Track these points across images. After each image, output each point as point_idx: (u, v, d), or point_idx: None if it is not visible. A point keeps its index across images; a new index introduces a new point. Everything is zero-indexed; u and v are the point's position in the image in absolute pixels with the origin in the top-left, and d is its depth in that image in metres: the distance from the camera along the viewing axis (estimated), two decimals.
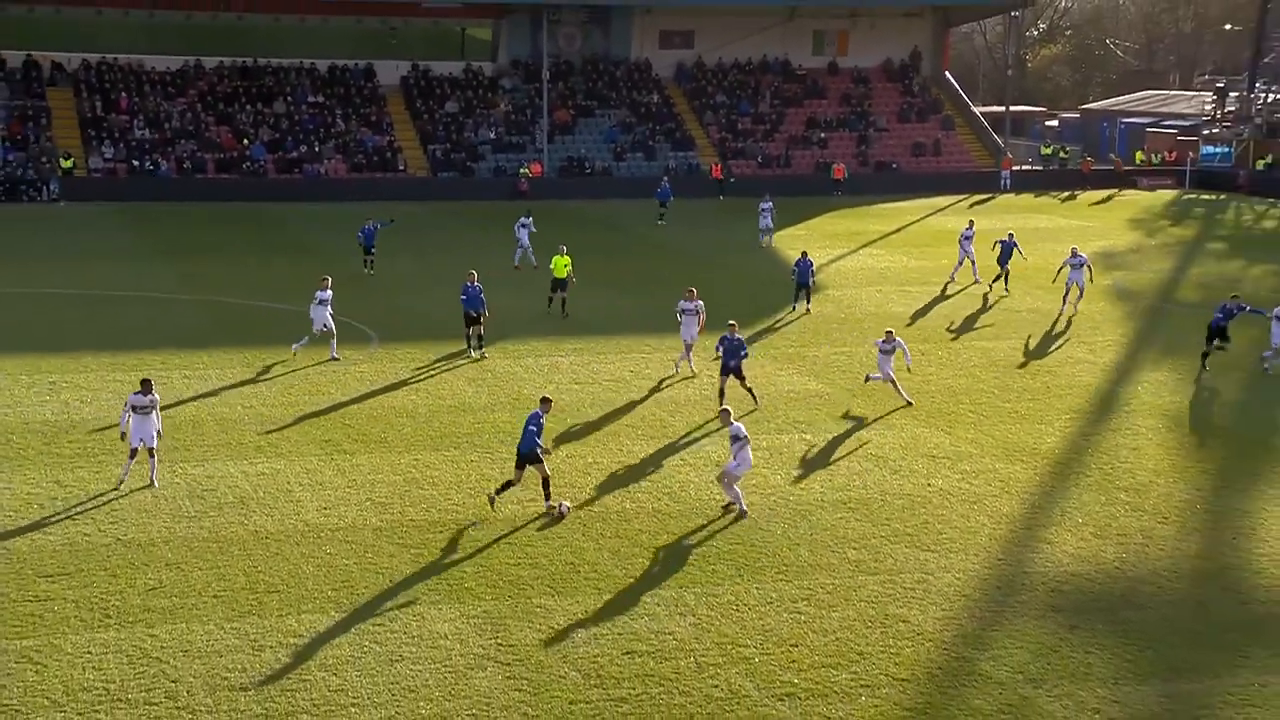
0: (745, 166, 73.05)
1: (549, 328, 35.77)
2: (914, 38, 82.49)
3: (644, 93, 77.12)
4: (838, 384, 30.40)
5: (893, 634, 17.45)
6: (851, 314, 38.97)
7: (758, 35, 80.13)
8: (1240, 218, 64.87)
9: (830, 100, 79.08)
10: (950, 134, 78.26)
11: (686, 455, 24.98)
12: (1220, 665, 16.59)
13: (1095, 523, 21.54)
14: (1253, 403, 29.22)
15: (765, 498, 22.63)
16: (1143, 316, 39.33)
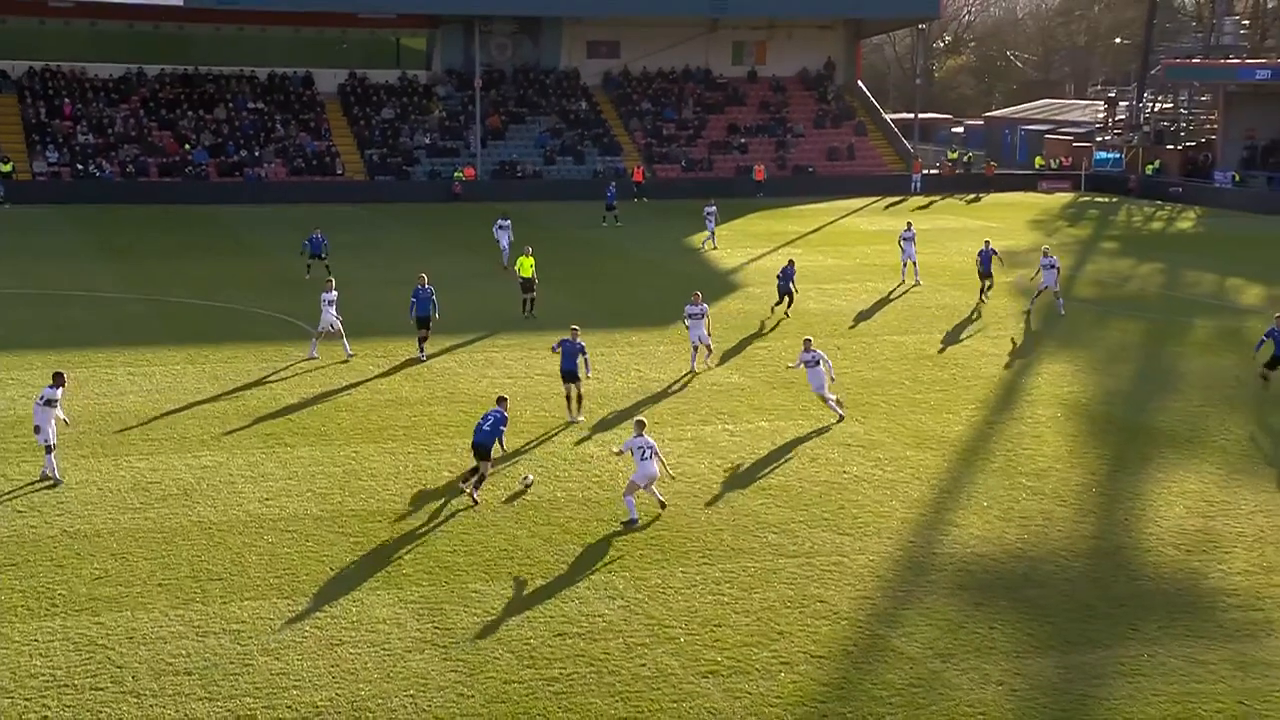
0: (670, 170, 73.16)
1: (484, 324, 35.57)
2: (828, 48, 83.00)
3: (573, 100, 77.03)
4: (758, 377, 30.51)
5: (811, 613, 17.53)
6: (769, 310, 39.06)
7: (680, 45, 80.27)
8: (1131, 219, 65.89)
9: (750, 107, 79.40)
10: (863, 139, 78.83)
11: (616, 445, 24.92)
12: (1113, 637, 16.82)
13: (999, 506, 21.76)
14: (1143, 391, 29.67)
15: (690, 485, 22.65)
16: (1041, 311, 39.76)
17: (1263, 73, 70.53)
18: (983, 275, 39.86)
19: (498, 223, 45.46)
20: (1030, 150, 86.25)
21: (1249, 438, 25.79)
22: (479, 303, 37.74)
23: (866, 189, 72.46)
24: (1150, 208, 69.36)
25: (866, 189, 72.46)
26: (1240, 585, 18.42)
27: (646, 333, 35.39)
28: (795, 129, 77.95)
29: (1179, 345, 34.34)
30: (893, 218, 63.98)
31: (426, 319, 31.38)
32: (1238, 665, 16.01)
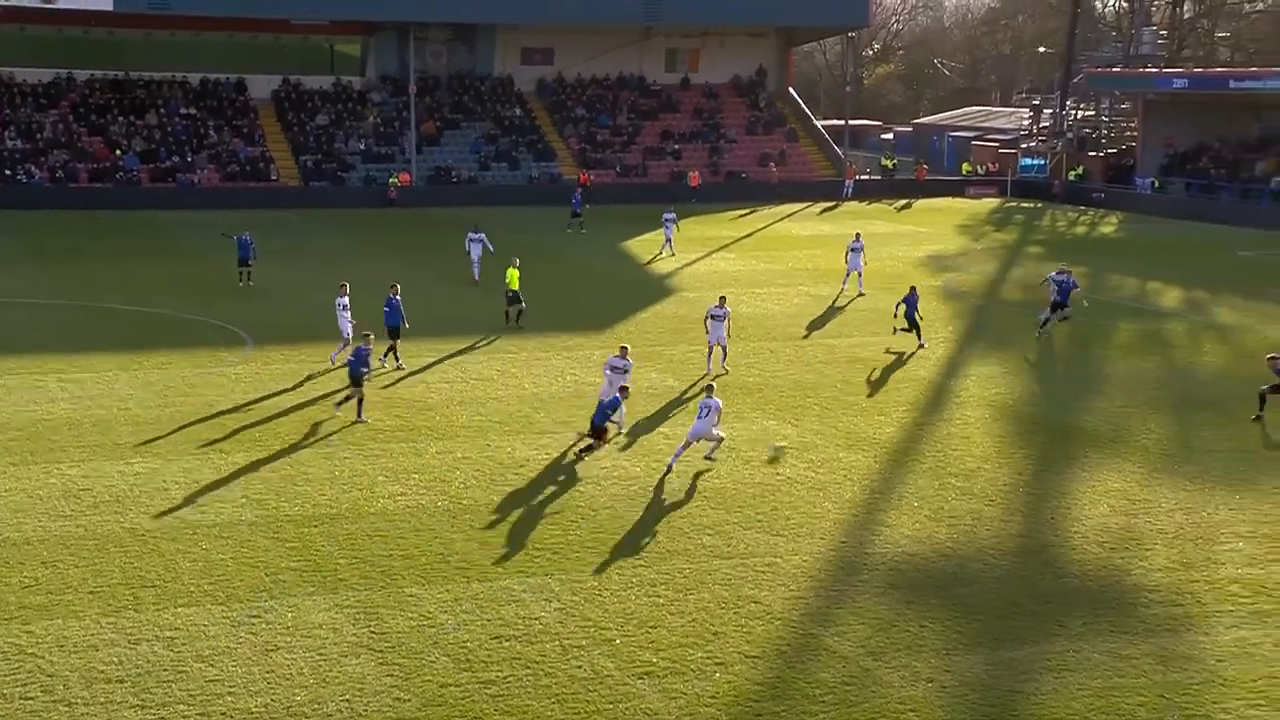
0: (605, 175, 73.18)
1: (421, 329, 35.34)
2: (760, 56, 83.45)
3: (507, 106, 76.87)
4: (692, 380, 30.56)
5: (745, 614, 17.59)
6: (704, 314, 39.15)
7: (614, 53, 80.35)
8: (1055, 224, 66.78)
9: (683, 114, 79.63)
10: (794, 146, 79.29)
11: (552, 450, 24.90)
12: (1040, 634, 17.03)
13: (929, 506, 21.96)
14: (1068, 393, 30.07)
15: (625, 488, 22.66)
16: (971, 314, 40.24)
17: (1180, 82, 71.79)
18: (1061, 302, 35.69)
19: (469, 235, 44.59)
20: (958, 156, 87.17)
21: (1170, 437, 26.19)
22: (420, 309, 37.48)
23: (797, 194, 72.87)
24: (1074, 213, 70.33)
25: (797, 194, 72.87)
26: (1161, 581, 18.72)
27: (584, 337, 35.36)
28: (728, 135, 78.29)
29: (1103, 348, 34.84)
30: (825, 223, 64.47)
31: (396, 329, 31.17)
32: (1159, 659, 16.26)
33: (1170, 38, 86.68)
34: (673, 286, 44.78)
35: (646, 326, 37.13)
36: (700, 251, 52.93)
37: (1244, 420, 27.25)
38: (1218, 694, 15.35)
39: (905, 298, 34.44)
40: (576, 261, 49.38)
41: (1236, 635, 16.89)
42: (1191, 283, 45.70)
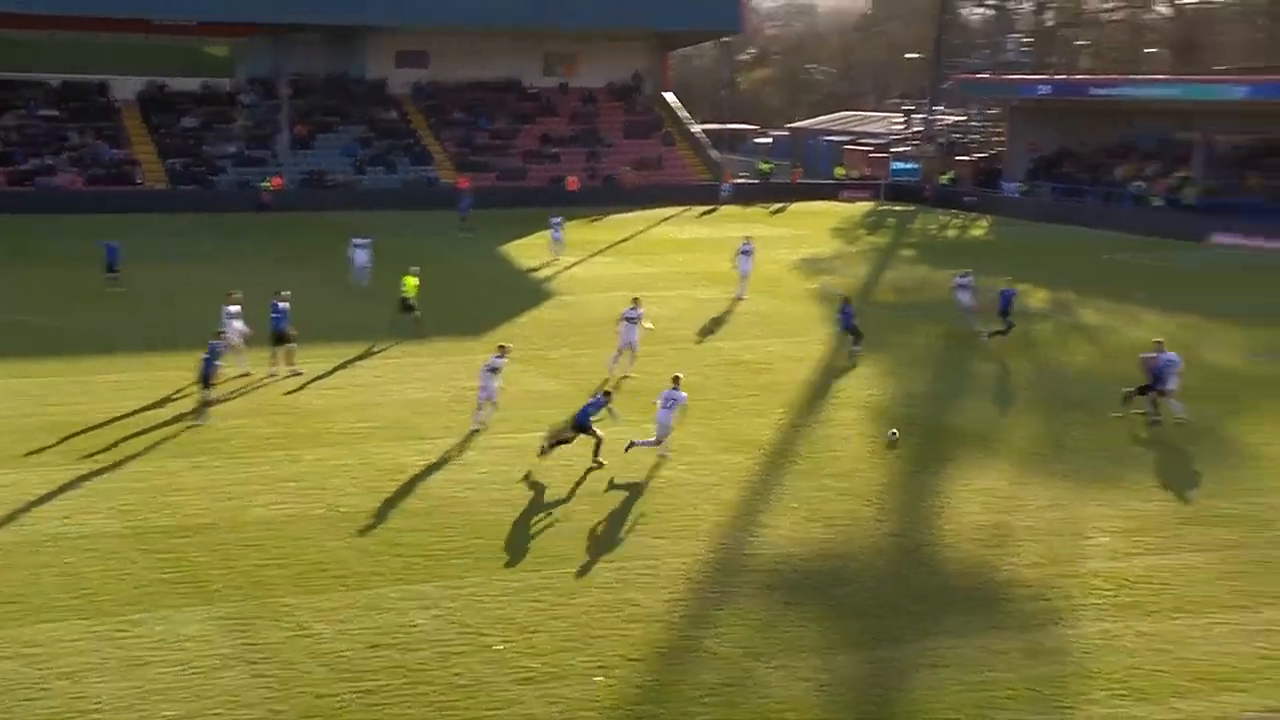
0: (484, 179, 72.77)
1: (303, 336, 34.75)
2: (637, 60, 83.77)
3: (383, 110, 76.11)
4: (575, 384, 30.55)
5: (626, 617, 17.61)
6: (586, 318, 39.24)
7: (491, 57, 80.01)
8: (926, 227, 68.06)
9: (561, 118, 79.59)
10: (672, 149, 79.72)
11: (432, 455, 24.68)
12: (916, 632, 17.32)
13: (808, 507, 22.21)
14: (939, 394, 30.64)
15: (506, 492, 22.55)
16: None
17: (1044, 88, 73.72)
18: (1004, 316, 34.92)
19: (353, 242, 43.80)
20: (832, 160, 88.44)
21: (1040, 436, 26.83)
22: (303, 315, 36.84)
23: (675, 198, 73.24)
24: (945, 216, 71.73)
25: (675, 198, 73.24)
26: (1031, 577, 19.16)
27: (465, 342, 35.12)
28: (606, 139, 78.43)
29: (975, 349, 35.56)
30: (704, 226, 64.92)
31: (283, 334, 30.64)
32: (1029, 653, 16.64)
33: (1035, 45, 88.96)
34: (553, 290, 44.71)
35: (527, 331, 37.02)
36: (579, 255, 52.89)
37: (1112, 419, 28.02)
38: (1084, 685, 15.76)
39: (841, 308, 34.59)
40: (457, 265, 49.02)
41: (1101, 627, 17.35)
42: (1059, 285, 46.90)
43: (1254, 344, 36.02)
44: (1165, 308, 40.93)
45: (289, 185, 68.61)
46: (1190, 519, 21.54)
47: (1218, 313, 40.40)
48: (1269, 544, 20.33)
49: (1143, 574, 19.17)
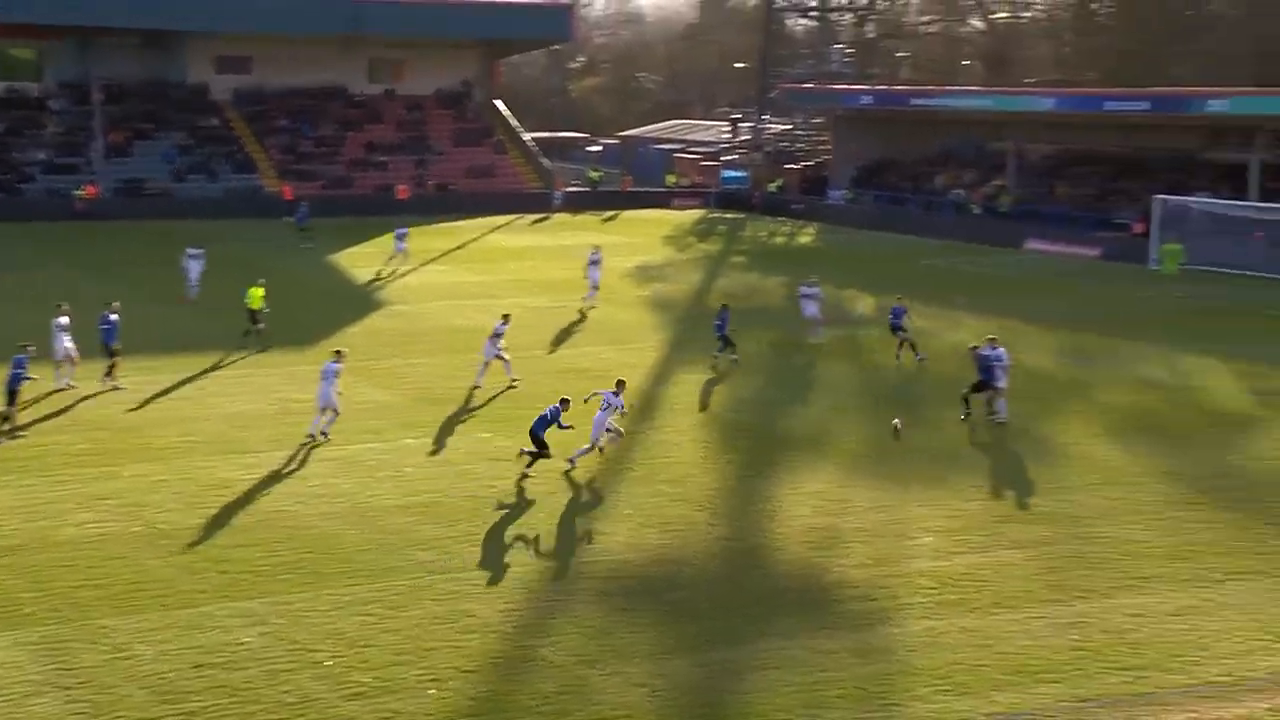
0: (310, 188, 71.42)
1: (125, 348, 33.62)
2: (465, 68, 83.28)
3: (203, 116, 74.18)
4: (406, 394, 30.20)
5: (460, 628, 17.46)
6: (418, 327, 38.85)
7: (316, 63, 78.61)
8: (756, 234, 69.12)
9: (389, 125, 78.66)
10: (503, 158, 79.46)
11: (259, 469, 24.12)
12: (749, 634, 17.54)
13: (642, 513, 22.32)
14: (772, 399, 31.12)
15: (334, 505, 22.16)
16: (678, 324, 41.18)
17: (866, 99, 75.60)
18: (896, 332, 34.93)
19: (187, 252, 42.34)
20: (663, 168, 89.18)
21: (867, 439, 27.45)
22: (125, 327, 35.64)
23: (507, 206, 73.00)
24: (774, 224, 72.96)
25: (507, 206, 73.00)
26: (859, 578, 19.58)
27: (288, 353, 34.43)
28: (435, 147, 77.79)
29: (803, 354, 36.23)
30: (536, 234, 64.86)
31: (112, 347, 29.65)
32: (858, 653, 17.00)
33: (857, 56, 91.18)
34: (384, 300, 44.16)
35: (357, 341, 36.43)
36: (412, 264, 52.34)
37: (936, 421, 28.83)
38: (910, 682, 16.17)
39: (718, 314, 34.82)
40: (287, 275, 47.96)
41: (925, 625, 17.83)
42: (883, 290, 48.07)
43: (1063, 347, 37.47)
44: (983, 311, 42.28)
45: (104, 193, 66.37)
46: (1008, 517, 22.28)
47: (1031, 317, 41.92)
48: (1080, 539, 21.15)
49: (964, 572, 19.76)
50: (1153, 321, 41.57)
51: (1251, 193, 55.68)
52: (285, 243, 57.40)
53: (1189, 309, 44.04)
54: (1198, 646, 17.09)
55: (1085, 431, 27.84)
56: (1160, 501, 23.02)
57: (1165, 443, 26.92)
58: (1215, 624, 17.78)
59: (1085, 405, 30.51)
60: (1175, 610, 18.24)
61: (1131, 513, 22.40)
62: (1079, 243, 59.13)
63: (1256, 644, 17.17)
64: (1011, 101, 68.14)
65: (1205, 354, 36.00)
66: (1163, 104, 60.30)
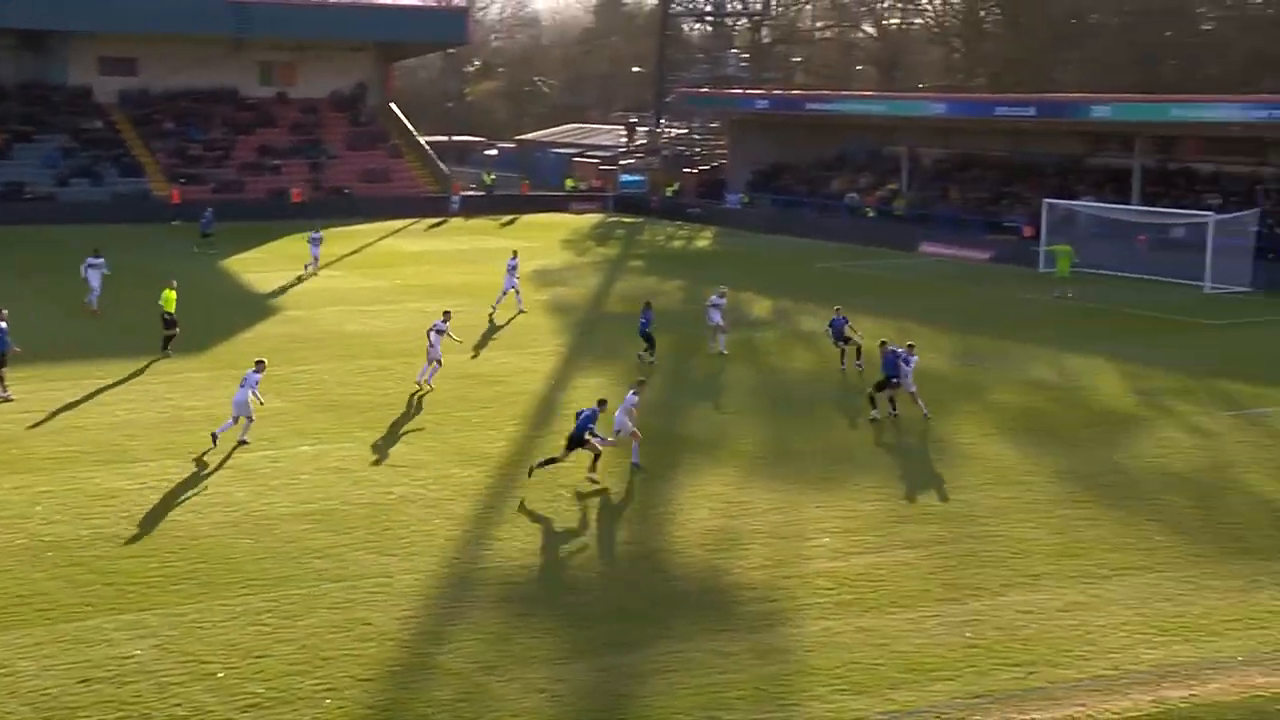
0: (200, 192, 70.23)
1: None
2: (359, 71, 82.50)
3: (87, 118, 72.57)
4: (300, 400, 29.83)
5: (357, 637, 17.29)
6: (312, 333, 38.40)
7: (204, 65, 77.33)
8: (654, 238, 69.39)
9: (281, 128, 77.64)
10: (399, 161, 78.84)
11: (148, 479, 23.66)
12: (647, 638, 17.60)
13: (542, 518, 22.29)
14: (671, 402, 31.23)
15: (228, 514, 21.82)
16: (577, 328, 41.20)
17: (762, 103, 76.29)
18: (837, 343, 34.34)
19: (88, 261, 41.18)
20: (561, 172, 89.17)
21: (765, 441, 27.69)
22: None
23: (404, 210, 72.49)
24: (672, 227, 73.29)
25: (404, 210, 72.49)
26: (758, 579, 19.74)
27: (179, 359, 33.82)
28: (329, 150, 76.95)
29: (701, 356, 36.44)
30: (433, 239, 64.47)
31: (3, 355, 28.84)
32: (757, 654, 17.14)
33: (752, 61, 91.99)
34: (278, 306, 43.60)
35: (251, 347, 35.89)
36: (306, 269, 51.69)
37: (832, 422, 29.16)
38: (807, 682, 16.34)
39: (642, 312, 35.14)
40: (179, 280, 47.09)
41: (823, 625, 18.03)
42: (780, 293, 48.55)
43: (957, 348, 38.14)
44: (879, 313, 42.89)
45: None
46: (904, 517, 22.63)
47: (926, 318, 42.61)
48: (973, 538, 21.54)
49: (861, 572, 20.02)
50: (1041, 323, 42.49)
51: (1134, 197, 57.18)
52: (177, 247, 56.39)
53: (1075, 310, 45.09)
54: (1085, 641, 17.51)
55: (978, 431, 28.38)
56: (1050, 500, 23.54)
57: (1054, 442, 27.54)
58: (1102, 619, 18.22)
59: (978, 406, 31.10)
60: (1064, 606, 18.66)
61: (1023, 511, 22.87)
62: (971, 246, 60.26)
63: (1140, 638, 17.64)
64: (904, 106, 69.25)
65: (1091, 354, 36.89)
66: (1049, 109, 61.71)
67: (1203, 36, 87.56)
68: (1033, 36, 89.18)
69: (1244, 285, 49.09)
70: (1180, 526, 22.15)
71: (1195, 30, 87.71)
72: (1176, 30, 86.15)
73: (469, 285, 47.94)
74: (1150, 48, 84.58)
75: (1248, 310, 45.57)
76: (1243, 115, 53.10)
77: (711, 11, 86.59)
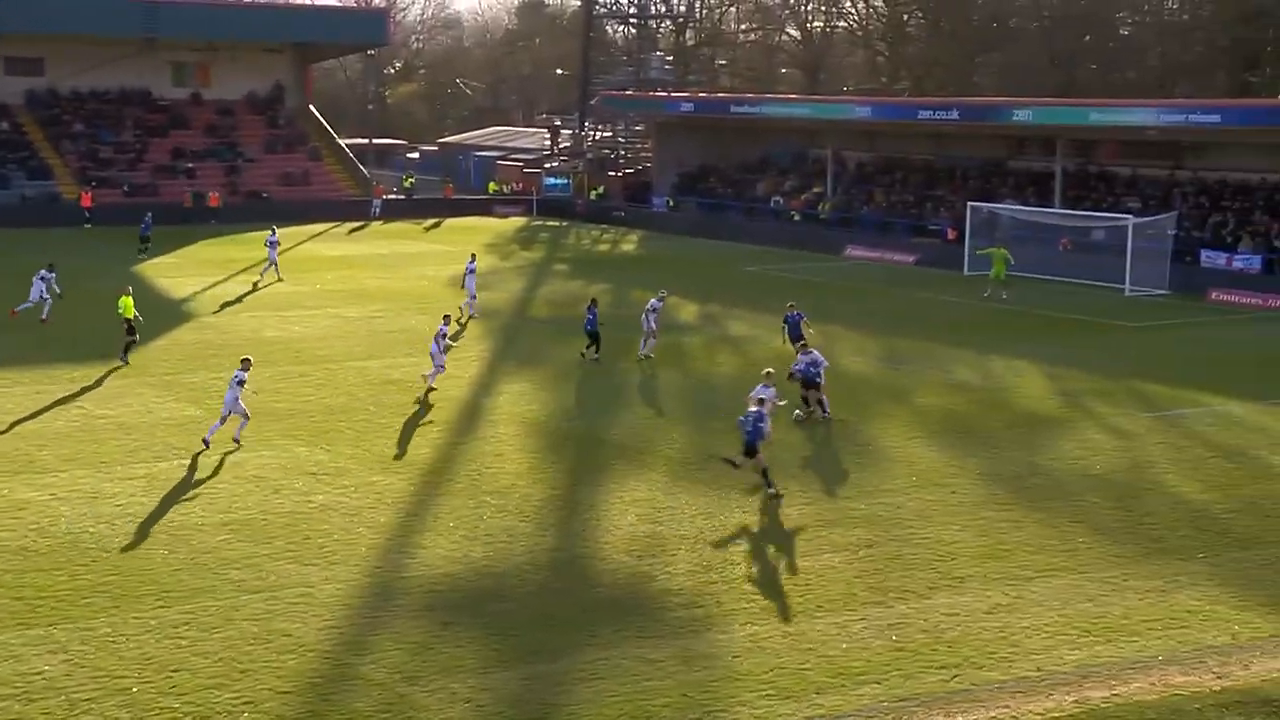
0: (111, 195, 69.18)
1: None
2: (277, 71, 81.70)
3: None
4: (216, 409, 29.38)
5: (277, 649, 17.10)
6: (228, 339, 37.93)
7: (114, 65, 76.12)
8: (580, 242, 69.41)
9: (196, 130, 76.70)
10: (318, 164, 78.17)
11: (58, 490, 23.25)
12: (573, 645, 17.58)
13: (465, 526, 22.19)
14: (596, 407, 31.26)
15: (142, 525, 21.48)
16: (501, 333, 41.08)
17: (687, 106, 76.58)
18: (793, 341, 34.32)
19: (40, 274, 40.20)
20: (484, 176, 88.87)
21: (691, 445, 27.77)
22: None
23: (324, 214, 71.90)
24: (597, 231, 73.34)
25: (324, 214, 71.90)
26: (685, 585, 19.79)
27: (90, 367, 33.28)
28: (246, 153, 76.12)
29: (627, 361, 36.46)
30: (354, 243, 63.95)
31: None
32: (683, 660, 17.18)
33: (677, 63, 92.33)
34: (191, 312, 43.06)
35: (163, 355, 35.45)
36: (221, 275, 51.13)
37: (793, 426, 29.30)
38: (734, 689, 16.41)
39: (588, 309, 35.66)
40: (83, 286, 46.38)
41: (750, 631, 18.12)
42: (706, 298, 48.74)
43: (882, 352, 38.52)
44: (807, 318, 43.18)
45: None
46: (831, 521, 22.79)
47: (852, 322, 43.00)
48: (899, 541, 21.76)
49: (787, 576, 20.14)
50: (965, 326, 43.03)
51: (1056, 200, 58.12)
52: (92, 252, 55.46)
53: (999, 313, 45.72)
54: (1010, 643, 17.74)
55: (903, 434, 28.67)
56: (974, 502, 23.84)
57: (978, 444, 27.89)
58: (1026, 621, 18.48)
59: (902, 408, 31.42)
60: (989, 608, 18.90)
61: (947, 514, 23.14)
62: (896, 249, 60.91)
63: (1063, 639, 17.91)
64: (829, 109, 69.81)
65: (1014, 357, 37.42)
66: (971, 113, 62.58)
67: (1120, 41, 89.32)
68: (954, 40, 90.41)
69: (1162, 289, 50.08)
70: (1101, 528, 22.53)
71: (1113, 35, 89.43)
72: (1095, 35, 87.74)
73: (389, 290, 47.62)
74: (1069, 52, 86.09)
75: (1165, 313, 46.50)
76: (1159, 119, 54.22)
77: (635, 14, 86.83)
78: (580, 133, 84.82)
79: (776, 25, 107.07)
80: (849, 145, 71.34)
